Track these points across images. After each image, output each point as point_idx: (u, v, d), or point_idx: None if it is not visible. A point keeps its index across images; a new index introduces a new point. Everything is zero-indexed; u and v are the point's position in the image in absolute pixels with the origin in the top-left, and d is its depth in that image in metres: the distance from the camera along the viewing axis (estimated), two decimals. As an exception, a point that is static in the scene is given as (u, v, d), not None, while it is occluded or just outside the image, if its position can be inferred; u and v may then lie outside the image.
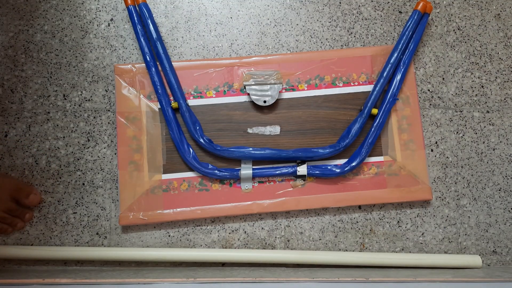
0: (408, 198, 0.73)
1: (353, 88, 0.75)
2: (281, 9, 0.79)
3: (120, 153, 0.72)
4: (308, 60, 0.76)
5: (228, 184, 0.72)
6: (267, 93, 0.73)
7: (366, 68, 0.76)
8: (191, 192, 0.72)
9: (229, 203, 0.72)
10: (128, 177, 0.72)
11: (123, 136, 0.73)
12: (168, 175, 0.72)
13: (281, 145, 0.74)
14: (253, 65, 0.75)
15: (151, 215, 0.71)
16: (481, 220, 0.74)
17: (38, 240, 0.71)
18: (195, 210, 0.71)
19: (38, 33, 0.76)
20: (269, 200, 0.72)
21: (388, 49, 0.76)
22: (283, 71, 0.75)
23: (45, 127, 0.74)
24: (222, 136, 0.74)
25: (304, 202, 0.72)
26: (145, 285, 0.55)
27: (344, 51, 0.77)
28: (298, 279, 0.58)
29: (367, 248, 0.73)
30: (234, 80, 0.75)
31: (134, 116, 0.73)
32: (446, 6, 0.80)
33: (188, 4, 0.78)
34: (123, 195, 0.71)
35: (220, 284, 0.55)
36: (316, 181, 0.73)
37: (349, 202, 0.72)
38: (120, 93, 0.73)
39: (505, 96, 0.78)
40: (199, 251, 0.70)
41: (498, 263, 0.74)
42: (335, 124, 0.74)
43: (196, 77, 0.75)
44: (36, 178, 0.73)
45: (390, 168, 0.74)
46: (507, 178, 0.76)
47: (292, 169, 0.71)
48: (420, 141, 0.74)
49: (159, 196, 0.71)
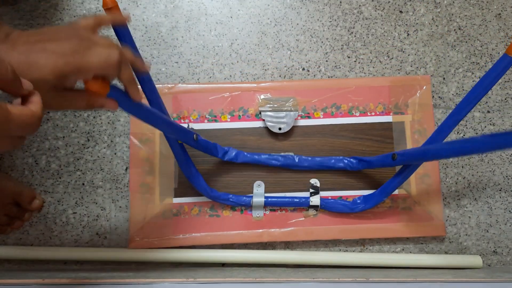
0: (420, 233, 0.71)
1: (370, 118, 0.74)
2: (281, 8, 0.79)
3: (132, 174, 0.71)
4: (325, 87, 0.75)
5: (239, 211, 0.72)
6: (283, 120, 0.72)
7: (384, 99, 0.75)
8: (201, 217, 0.71)
9: (240, 230, 0.71)
10: (139, 199, 0.71)
11: (135, 158, 0.72)
12: (179, 199, 0.72)
13: (294, 173, 0.73)
14: (269, 90, 0.74)
15: (161, 240, 0.70)
16: (482, 220, 0.74)
17: (38, 240, 0.71)
18: (205, 236, 0.70)
19: (38, 32, 0.76)
20: (280, 229, 0.71)
21: (406, 80, 0.75)
22: (300, 97, 0.74)
23: (45, 127, 0.74)
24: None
25: (315, 233, 0.71)
26: (145, 285, 0.55)
27: (362, 80, 0.76)
28: (298, 279, 0.58)
29: (367, 248, 0.73)
30: (249, 105, 0.74)
31: (147, 138, 0.72)
32: (446, 5, 0.80)
33: (188, 4, 0.78)
34: (133, 218, 0.70)
35: (220, 284, 0.55)
36: (329, 211, 0.72)
37: (361, 234, 0.71)
38: None
39: (505, 96, 0.77)
40: (199, 251, 0.70)
41: (499, 263, 0.74)
42: (349, 154, 0.73)
43: (211, 100, 0.74)
44: (36, 178, 0.72)
45: (404, 202, 0.72)
46: (507, 178, 0.75)
47: (305, 199, 0.71)
48: (436, 176, 0.73)
49: (169, 221, 0.71)
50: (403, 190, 0.73)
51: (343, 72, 0.77)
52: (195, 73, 0.76)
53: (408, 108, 0.75)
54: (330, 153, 0.73)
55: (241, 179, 0.73)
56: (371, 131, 0.74)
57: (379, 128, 0.74)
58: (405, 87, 0.75)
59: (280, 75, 0.77)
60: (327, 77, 0.77)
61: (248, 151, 0.72)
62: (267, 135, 0.74)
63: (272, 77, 0.77)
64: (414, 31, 0.79)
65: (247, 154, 0.71)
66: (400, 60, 0.78)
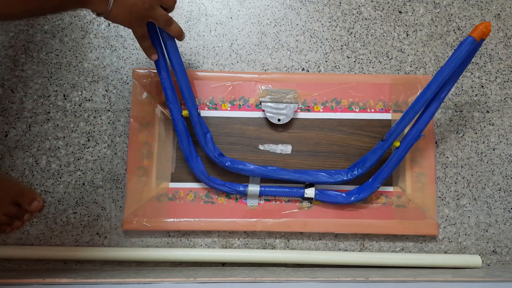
0: (413, 231, 0.72)
1: (369, 114, 0.75)
2: (281, 9, 0.79)
3: (130, 157, 0.72)
4: (327, 82, 0.75)
5: (234, 199, 0.72)
6: (282, 112, 0.72)
7: (384, 96, 0.75)
8: (196, 203, 0.72)
9: (233, 218, 0.71)
10: (136, 182, 0.71)
11: (134, 141, 0.72)
12: (176, 183, 0.72)
13: (291, 165, 0.73)
14: (271, 81, 0.75)
15: (155, 222, 0.70)
16: (481, 220, 0.75)
17: (38, 240, 0.71)
18: (199, 222, 0.71)
19: (38, 33, 0.76)
20: (274, 219, 0.71)
21: (407, 79, 0.75)
22: (301, 90, 0.74)
23: (45, 127, 0.74)
24: (233, 150, 0.73)
25: (308, 225, 0.71)
26: (145, 285, 0.55)
27: (364, 76, 0.76)
28: (298, 279, 0.58)
29: (367, 248, 0.73)
30: (250, 95, 0.74)
31: (148, 122, 0.73)
32: (446, 6, 0.80)
33: (188, 4, 0.78)
34: (129, 200, 0.71)
35: (220, 284, 0.55)
36: (323, 204, 0.72)
37: (354, 229, 0.71)
38: (136, 97, 0.73)
39: (505, 96, 0.78)
40: (199, 251, 0.70)
41: (498, 263, 0.74)
42: (347, 149, 0.74)
43: (213, 88, 0.74)
44: (36, 178, 0.73)
45: (398, 199, 0.73)
46: (507, 178, 0.76)
47: (299, 190, 0.71)
48: (432, 175, 0.73)
49: (164, 204, 0.71)
50: (398, 188, 0.73)
51: (343, 72, 0.77)
52: (195, 73, 0.76)
53: (408, 106, 0.75)
54: (327, 147, 0.74)
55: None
56: (369, 127, 0.74)
57: (377, 125, 0.75)
58: (406, 86, 0.75)
59: (280, 75, 0.77)
60: (327, 77, 0.77)
61: (247, 141, 0.73)
62: (266, 126, 0.74)
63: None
64: (414, 32, 0.79)
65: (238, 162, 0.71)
66: (400, 60, 0.78)
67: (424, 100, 0.64)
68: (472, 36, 0.60)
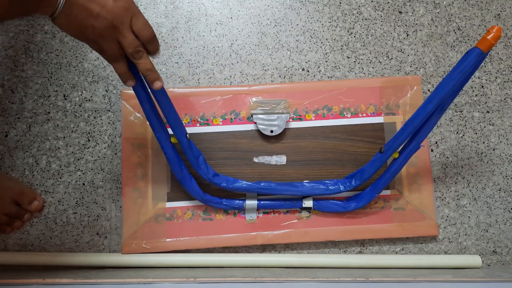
0: (414, 233, 0.72)
1: (361, 119, 0.74)
2: (281, 9, 0.79)
3: (124, 179, 0.71)
4: (317, 89, 0.75)
5: (233, 214, 0.72)
6: (274, 123, 0.72)
7: (375, 100, 0.75)
8: (195, 221, 0.71)
9: (233, 233, 0.71)
10: (132, 204, 0.71)
11: (128, 163, 0.72)
12: (173, 203, 0.72)
13: (287, 175, 0.73)
14: (261, 93, 0.74)
15: (154, 244, 0.70)
16: (481, 220, 0.74)
17: (39, 240, 0.71)
18: (198, 239, 0.70)
19: (38, 33, 0.76)
20: (274, 232, 0.71)
21: (397, 81, 0.75)
22: (291, 100, 0.74)
23: (45, 127, 0.74)
24: (228, 165, 0.73)
25: (308, 234, 0.71)
26: (145, 285, 0.55)
27: (353, 81, 0.76)
28: (298, 279, 0.58)
29: (367, 248, 0.73)
30: (241, 108, 0.74)
31: (140, 143, 0.72)
32: (446, 6, 0.80)
33: (188, 5, 0.78)
34: (126, 223, 0.70)
35: (220, 284, 0.55)
36: (321, 213, 0.72)
37: (355, 235, 0.71)
38: (126, 118, 0.72)
39: (505, 96, 0.78)
40: (197, 255, 0.69)
41: (498, 263, 0.74)
42: (342, 155, 0.74)
43: (203, 104, 0.74)
44: (37, 178, 0.73)
45: (396, 202, 0.73)
46: (507, 178, 0.76)
47: (298, 201, 0.71)
48: (428, 176, 0.73)
49: (162, 225, 0.71)
50: (395, 191, 0.73)
51: (343, 72, 0.77)
52: (195, 74, 0.76)
53: (399, 108, 0.75)
54: (322, 155, 0.74)
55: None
56: (362, 132, 0.74)
57: (370, 129, 0.74)
58: (396, 88, 0.75)
59: (280, 76, 0.77)
60: (327, 78, 0.77)
61: (241, 154, 0.73)
62: (259, 138, 0.74)
63: (272, 78, 0.77)
64: (414, 32, 0.79)
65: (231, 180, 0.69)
66: (400, 60, 0.78)
67: (424, 115, 0.60)
68: (479, 48, 0.52)
